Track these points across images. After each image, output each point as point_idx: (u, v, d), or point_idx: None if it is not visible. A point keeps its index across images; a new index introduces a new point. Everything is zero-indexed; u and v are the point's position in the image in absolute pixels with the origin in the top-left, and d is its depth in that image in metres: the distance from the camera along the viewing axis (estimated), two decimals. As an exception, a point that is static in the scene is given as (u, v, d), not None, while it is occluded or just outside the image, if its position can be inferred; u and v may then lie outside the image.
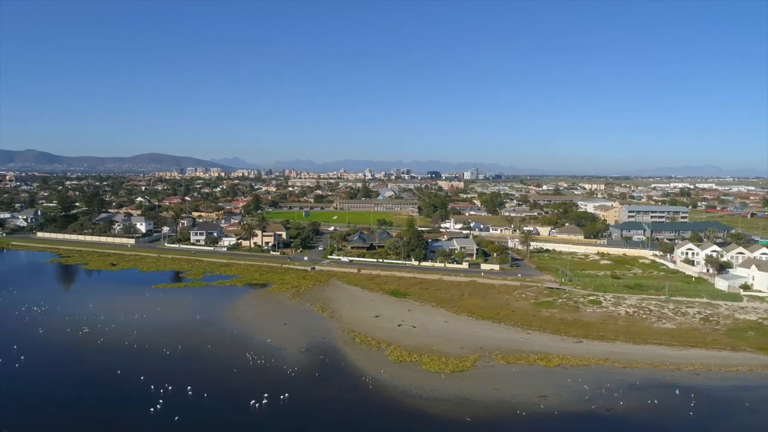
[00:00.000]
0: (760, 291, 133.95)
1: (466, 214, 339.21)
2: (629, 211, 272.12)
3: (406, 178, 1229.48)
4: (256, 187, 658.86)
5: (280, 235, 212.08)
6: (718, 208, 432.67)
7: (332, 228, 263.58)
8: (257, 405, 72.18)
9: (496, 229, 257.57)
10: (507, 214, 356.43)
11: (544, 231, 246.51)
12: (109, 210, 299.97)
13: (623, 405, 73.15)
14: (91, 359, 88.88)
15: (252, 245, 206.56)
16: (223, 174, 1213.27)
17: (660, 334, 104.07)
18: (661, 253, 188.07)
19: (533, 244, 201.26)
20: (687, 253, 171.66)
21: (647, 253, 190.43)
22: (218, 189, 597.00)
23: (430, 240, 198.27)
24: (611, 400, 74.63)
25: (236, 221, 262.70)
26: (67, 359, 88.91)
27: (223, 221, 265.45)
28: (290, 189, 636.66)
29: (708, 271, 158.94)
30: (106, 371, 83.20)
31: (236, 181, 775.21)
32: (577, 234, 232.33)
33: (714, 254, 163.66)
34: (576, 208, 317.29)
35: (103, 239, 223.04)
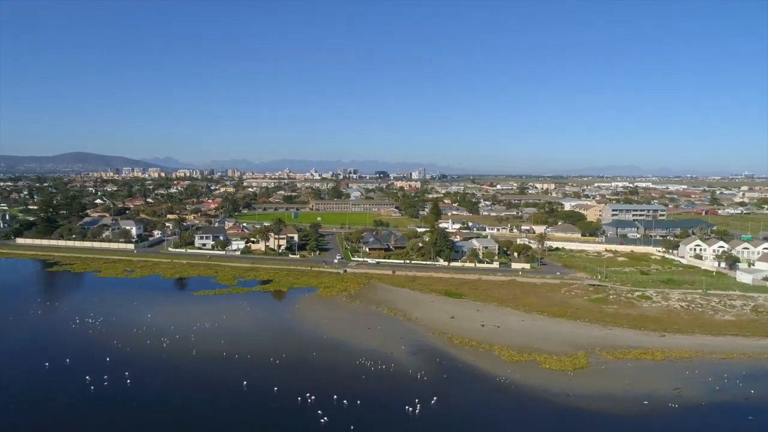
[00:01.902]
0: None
1: (449, 214, 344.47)
2: (613, 210, 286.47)
3: (355, 177, 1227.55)
4: (213, 188, 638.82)
5: (292, 237, 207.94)
6: (670, 206, 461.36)
7: (334, 229, 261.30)
8: (413, 411, 71.44)
9: (492, 229, 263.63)
10: (486, 213, 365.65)
11: (538, 230, 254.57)
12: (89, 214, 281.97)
13: (754, 394, 78.15)
14: (204, 371, 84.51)
15: (264, 248, 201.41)
16: (163, 174, 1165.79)
17: (727, 325, 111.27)
18: (664, 249, 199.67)
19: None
20: (696, 249, 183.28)
21: (653, 250, 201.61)
22: (173, 190, 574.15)
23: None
24: (740, 390, 79.49)
25: (231, 224, 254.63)
26: (176, 372, 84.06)
27: (217, 223, 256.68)
28: (250, 190, 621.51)
29: (719, 265, 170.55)
30: (231, 382, 79.37)
31: (188, 182, 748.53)
32: (574, 232, 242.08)
33: (721, 250, 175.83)
34: (561, 207, 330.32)
35: (96, 245, 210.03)
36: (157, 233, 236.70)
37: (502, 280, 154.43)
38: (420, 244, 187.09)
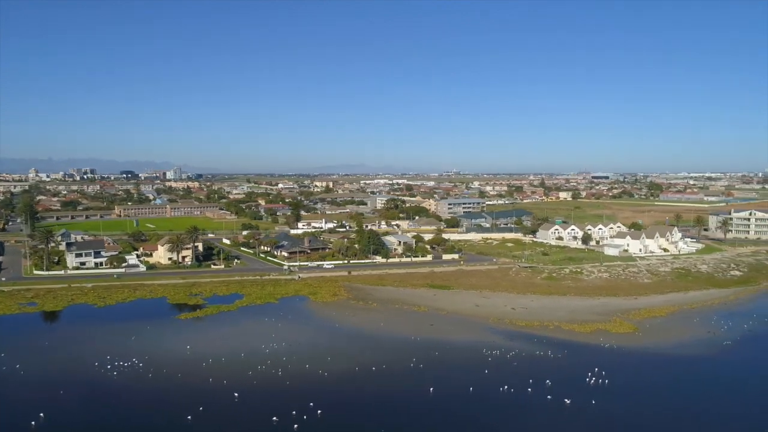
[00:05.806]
0: (635, 253, 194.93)
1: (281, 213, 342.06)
2: (449, 204, 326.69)
3: (98, 179, 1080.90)
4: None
5: (197, 247, 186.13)
6: (488, 201, 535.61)
7: (210, 236, 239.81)
8: (599, 381, 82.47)
9: (365, 226, 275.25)
10: (320, 212, 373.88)
11: (404, 224, 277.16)
12: None
13: (747, 327, 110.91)
14: (374, 387, 79.98)
15: (171, 261, 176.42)
16: None
17: (654, 286, 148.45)
18: (524, 234, 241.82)
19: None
20: (556, 233, 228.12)
21: (517, 236, 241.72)
22: None
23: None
24: (738, 326, 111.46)
25: (79, 236, 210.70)
26: (355, 393, 77.96)
27: (60, 236, 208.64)
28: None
29: (579, 243, 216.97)
30: (419, 392, 78.22)
31: None
32: (437, 225, 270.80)
33: (574, 232, 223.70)
34: (403, 203, 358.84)
35: None
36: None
37: (452, 270, 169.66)
38: (348, 244, 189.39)
